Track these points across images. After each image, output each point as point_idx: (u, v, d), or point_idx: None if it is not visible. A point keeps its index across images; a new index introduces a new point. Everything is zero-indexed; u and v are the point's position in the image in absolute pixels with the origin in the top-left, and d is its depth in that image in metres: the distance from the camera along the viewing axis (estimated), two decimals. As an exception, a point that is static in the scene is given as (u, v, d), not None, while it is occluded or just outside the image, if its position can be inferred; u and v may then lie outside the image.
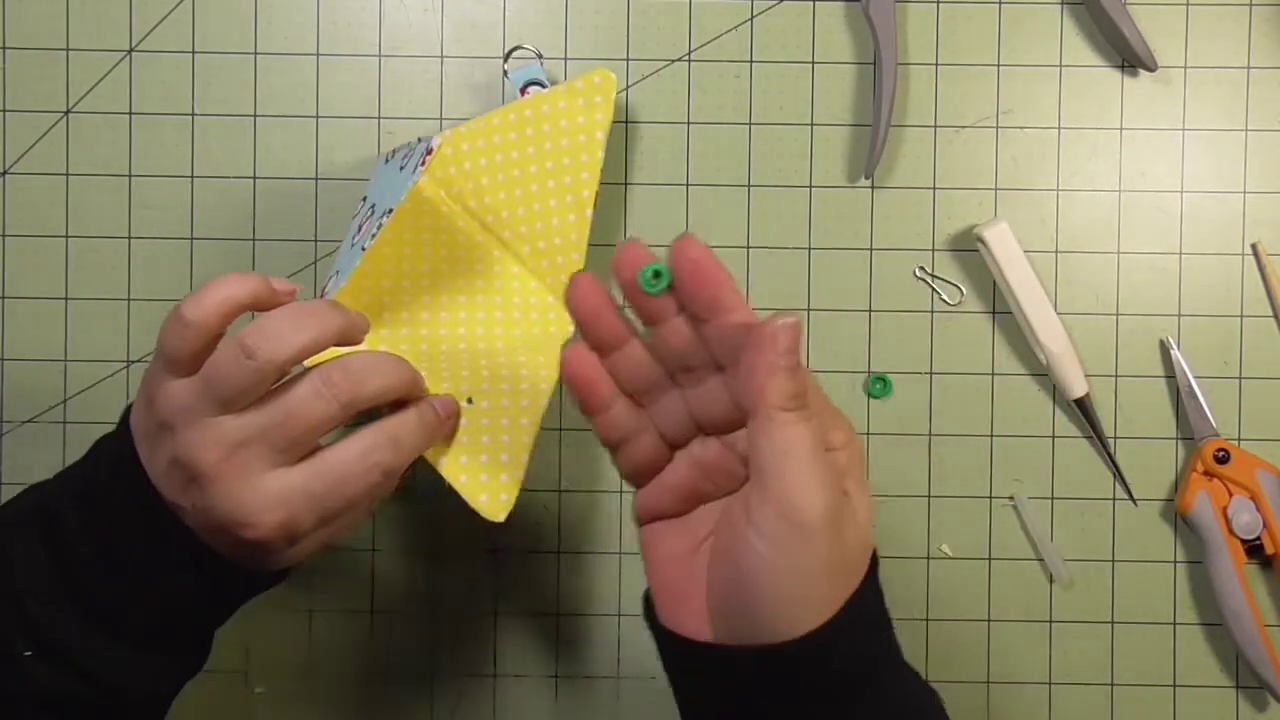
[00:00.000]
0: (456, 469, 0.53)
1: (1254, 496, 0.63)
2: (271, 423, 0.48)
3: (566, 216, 0.59)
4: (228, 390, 0.47)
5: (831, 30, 0.65)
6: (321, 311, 0.49)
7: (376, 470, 0.50)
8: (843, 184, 0.65)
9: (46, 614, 0.49)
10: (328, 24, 0.65)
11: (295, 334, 0.48)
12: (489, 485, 0.53)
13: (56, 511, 0.50)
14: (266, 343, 0.47)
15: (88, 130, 0.65)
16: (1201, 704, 0.65)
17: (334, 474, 0.49)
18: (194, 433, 0.47)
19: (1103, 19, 0.63)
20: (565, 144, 0.59)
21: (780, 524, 0.42)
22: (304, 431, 0.48)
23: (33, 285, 0.65)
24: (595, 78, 0.59)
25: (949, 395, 0.65)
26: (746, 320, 0.44)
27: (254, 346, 0.47)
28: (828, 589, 0.43)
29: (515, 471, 0.53)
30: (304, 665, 0.65)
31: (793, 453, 0.42)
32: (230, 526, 0.48)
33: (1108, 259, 0.65)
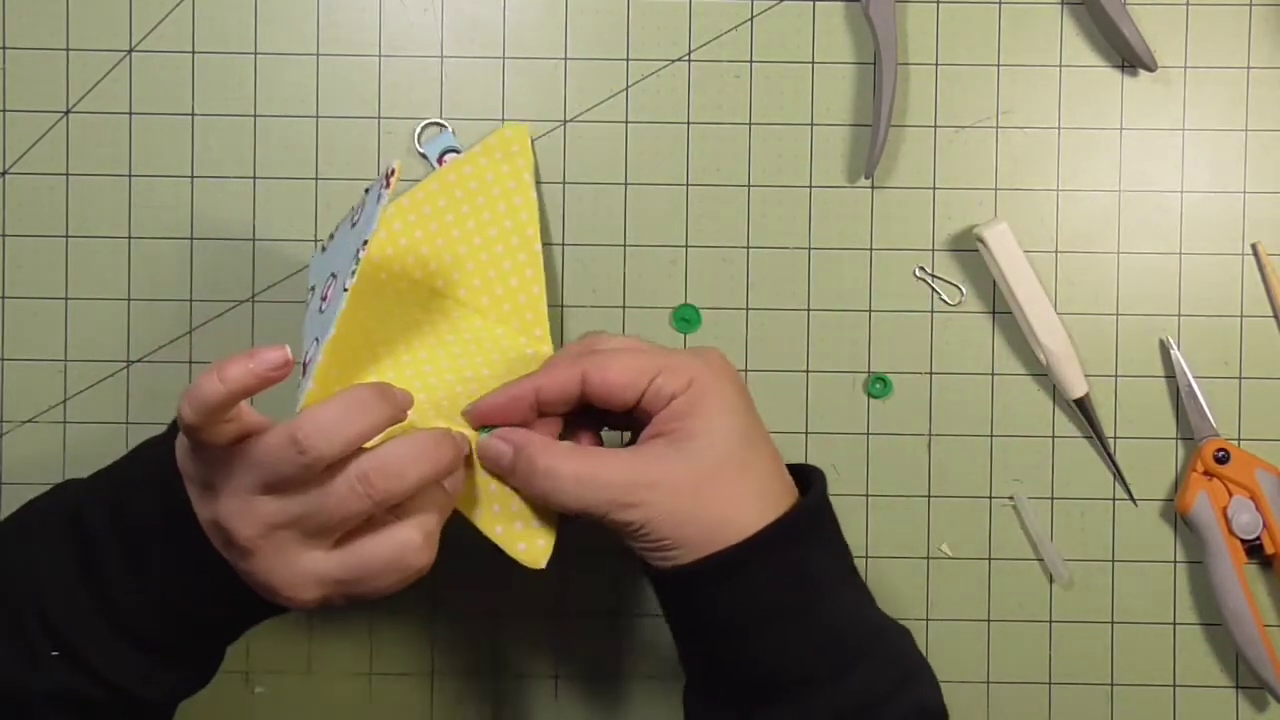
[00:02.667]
0: (491, 520, 0.53)
1: (1254, 496, 0.63)
2: (306, 512, 0.48)
3: (517, 257, 0.60)
4: (274, 477, 0.48)
5: (831, 30, 0.65)
6: (370, 403, 0.49)
7: (410, 569, 0.50)
8: (843, 184, 0.65)
9: (69, 616, 0.49)
10: (328, 24, 0.65)
11: (346, 429, 0.47)
12: (525, 533, 0.53)
13: (89, 515, 0.50)
14: (320, 439, 0.47)
15: (88, 130, 0.65)
16: (1201, 704, 0.65)
17: (365, 567, 0.49)
18: (235, 504, 0.48)
19: (1103, 19, 0.63)
20: (496, 193, 0.61)
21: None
22: (338, 523, 0.49)
23: (33, 285, 0.65)
24: (506, 132, 0.63)
25: (949, 395, 0.65)
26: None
27: (306, 442, 0.47)
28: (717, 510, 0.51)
29: (548, 515, 0.53)
30: (304, 665, 0.65)
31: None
32: (266, 592, 0.49)
33: (1108, 259, 0.65)
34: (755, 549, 0.50)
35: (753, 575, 0.50)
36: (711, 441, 0.51)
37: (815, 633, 0.51)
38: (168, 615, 0.50)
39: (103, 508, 0.51)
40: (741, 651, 0.51)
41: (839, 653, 0.51)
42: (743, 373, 0.65)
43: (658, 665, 0.65)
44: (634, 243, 0.65)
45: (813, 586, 0.51)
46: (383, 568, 0.49)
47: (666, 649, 0.65)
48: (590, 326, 0.65)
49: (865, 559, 0.65)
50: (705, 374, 0.52)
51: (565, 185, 0.65)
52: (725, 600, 0.51)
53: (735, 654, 0.51)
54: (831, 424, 0.65)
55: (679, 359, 0.53)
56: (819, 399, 0.65)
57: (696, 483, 0.50)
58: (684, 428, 0.51)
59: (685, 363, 0.53)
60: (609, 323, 0.65)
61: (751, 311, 0.65)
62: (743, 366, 0.65)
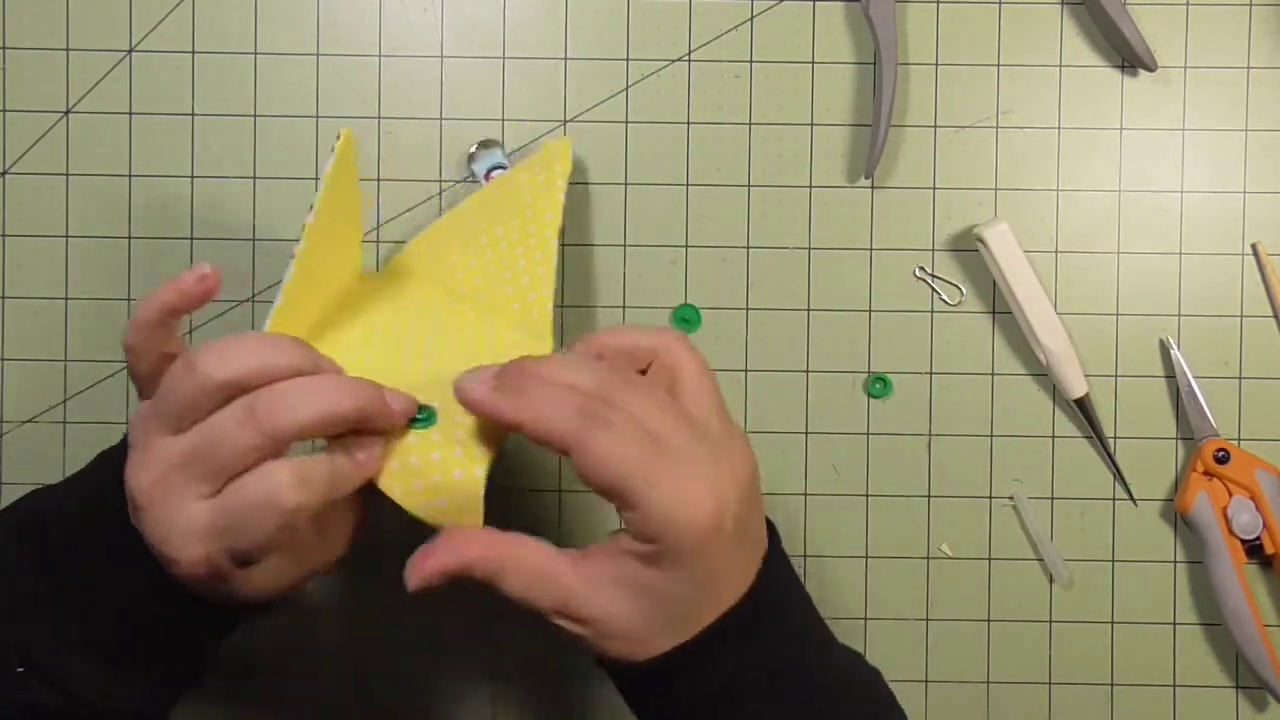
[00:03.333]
0: (413, 496, 0.48)
1: (1254, 496, 0.63)
2: (196, 447, 0.45)
3: (533, 257, 0.59)
4: (166, 404, 0.45)
5: (831, 30, 0.65)
6: (282, 346, 0.46)
7: (279, 510, 0.44)
8: (843, 184, 0.65)
9: (31, 629, 0.48)
10: (328, 24, 0.65)
11: (240, 355, 0.45)
12: (449, 512, 0.48)
13: (47, 525, 0.49)
14: (209, 358, 0.45)
15: (88, 130, 0.65)
16: (1201, 704, 0.65)
17: (235, 510, 0.45)
18: (139, 452, 0.46)
19: (1103, 19, 0.63)
20: (527, 200, 0.60)
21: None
22: (226, 461, 0.45)
23: (33, 285, 0.65)
24: (551, 145, 0.62)
25: (949, 395, 0.65)
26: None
27: (194, 359, 0.45)
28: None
29: (474, 496, 0.48)
30: (304, 665, 0.65)
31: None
32: (161, 558, 0.46)
33: (1108, 259, 0.65)
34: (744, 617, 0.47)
35: (741, 647, 0.48)
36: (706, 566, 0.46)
37: (792, 698, 0.48)
38: (119, 621, 0.48)
39: (60, 513, 0.49)
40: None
41: (816, 709, 0.48)
42: (742, 373, 0.65)
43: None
44: (634, 243, 0.65)
45: (791, 643, 0.49)
46: (251, 508, 0.44)
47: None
48: (590, 326, 0.65)
49: (865, 559, 0.65)
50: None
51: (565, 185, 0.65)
52: (692, 690, 0.48)
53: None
54: (831, 424, 0.65)
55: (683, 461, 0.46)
56: (819, 399, 0.65)
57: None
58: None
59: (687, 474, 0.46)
60: (609, 322, 0.65)
61: (751, 311, 0.65)
62: (742, 366, 0.65)
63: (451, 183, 0.65)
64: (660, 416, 0.46)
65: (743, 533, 0.47)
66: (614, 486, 0.44)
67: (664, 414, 0.46)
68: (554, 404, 0.45)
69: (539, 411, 0.45)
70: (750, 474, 0.48)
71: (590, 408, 0.45)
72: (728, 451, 0.47)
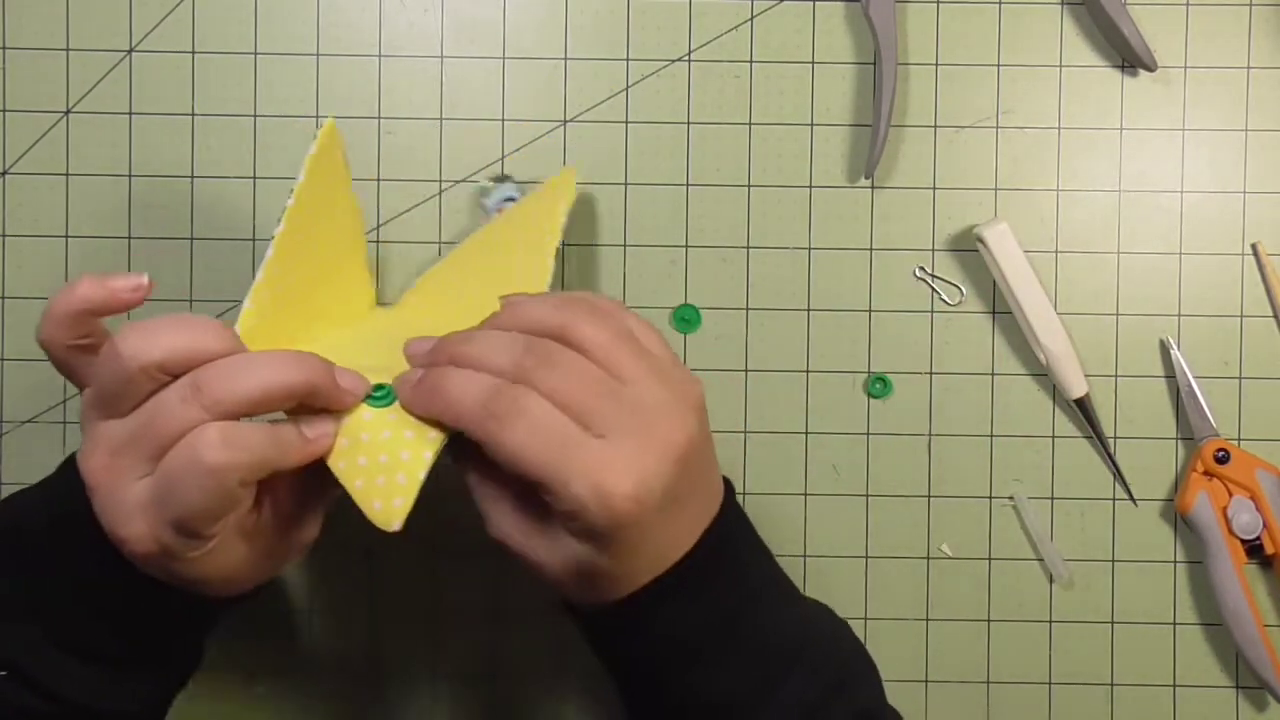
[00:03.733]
0: (354, 472, 0.47)
1: (1254, 496, 0.63)
2: (141, 428, 0.44)
3: (528, 267, 0.57)
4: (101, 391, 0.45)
5: (831, 30, 0.65)
6: (207, 326, 0.45)
7: (204, 469, 0.43)
8: (843, 184, 0.65)
9: (11, 634, 0.48)
10: (328, 24, 0.65)
11: (166, 335, 0.44)
12: (384, 490, 0.47)
13: (20, 528, 0.49)
14: (134, 339, 0.44)
15: (88, 130, 0.65)
16: (1201, 704, 0.65)
17: (167, 476, 0.44)
18: (85, 441, 0.46)
19: (1103, 19, 0.63)
20: (531, 222, 0.60)
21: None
22: (167, 437, 0.44)
23: (33, 285, 0.65)
24: (558, 178, 0.62)
25: (949, 395, 0.65)
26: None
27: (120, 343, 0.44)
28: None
29: (413, 476, 0.47)
30: (304, 665, 0.65)
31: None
32: (112, 539, 0.45)
33: (1108, 259, 0.65)
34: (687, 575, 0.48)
35: (685, 603, 0.48)
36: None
37: (745, 653, 0.49)
38: (96, 621, 0.48)
39: (35, 515, 0.48)
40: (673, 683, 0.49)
41: (771, 666, 0.49)
42: (742, 373, 0.65)
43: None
44: (634, 243, 0.65)
45: (742, 599, 0.49)
46: (180, 470, 0.43)
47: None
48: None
49: (865, 559, 0.65)
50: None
51: (565, 185, 0.65)
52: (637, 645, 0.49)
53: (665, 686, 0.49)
54: (831, 424, 0.65)
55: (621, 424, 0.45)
56: (819, 399, 0.65)
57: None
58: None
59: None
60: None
61: (751, 311, 0.65)
62: (742, 366, 0.65)
63: (451, 183, 0.65)
64: (582, 391, 0.45)
65: (677, 500, 0.46)
66: (529, 477, 0.44)
67: (587, 387, 0.45)
68: (467, 394, 0.45)
69: (451, 403, 0.45)
70: (688, 437, 0.46)
71: (502, 397, 0.45)
72: (661, 417, 0.46)
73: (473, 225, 0.65)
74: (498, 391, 0.45)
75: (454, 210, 0.65)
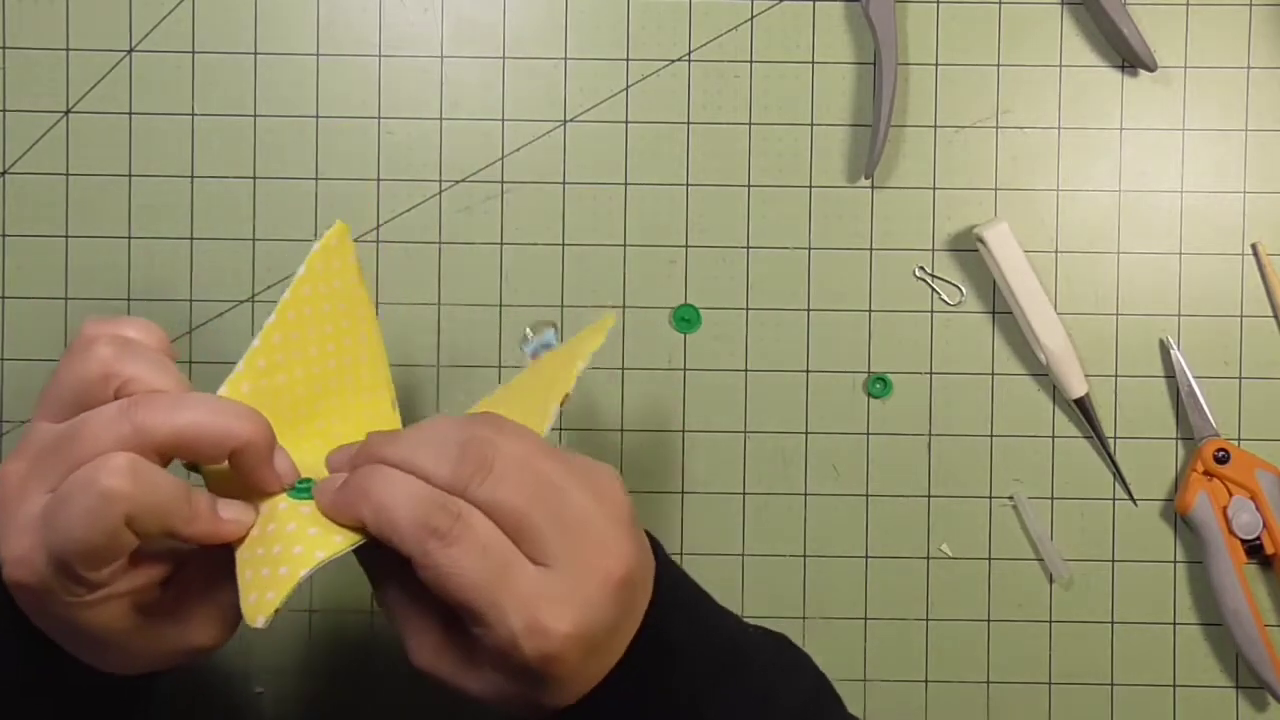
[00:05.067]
0: (250, 561, 0.44)
1: (1254, 496, 0.63)
2: (66, 433, 0.41)
3: (536, 405, 0.53)
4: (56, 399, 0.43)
5: (831, 30, 0.65)
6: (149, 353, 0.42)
7: (98, 492, 0.39)
8: (843, 184, 0.65)
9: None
10: (328, 24, 0.65)
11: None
12: (263, 583, 0.43)
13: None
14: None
15: (88, 130, 0.65)
16: (1201, 704, 0.65)
17: (62, 493, 0.40)
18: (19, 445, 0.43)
19: (1103, 19, 0.63)
20: (556, 365, 0.55)
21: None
22: (87, 454, 0.40)
23: (33, 285, 0.65)
24: (597, 325, 0.56)
25: (949, 395, 0.65)
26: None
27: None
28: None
29: (286, 584, 0.43)
30: (304, 665, 0.65)
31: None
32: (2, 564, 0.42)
33: (1108, 259, 0.65)
34: (628, 675, 0.44)
35: (629, 699, 0.44)
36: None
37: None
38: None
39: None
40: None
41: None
42: (742, 373, 0.65)
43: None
44: (634, 243, 0.65)
45: (691, 679, 0.46)
46: (73, 489, 0.39)
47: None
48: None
49: (865, 559, 0.65)
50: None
51: (565, 185, 0.65)
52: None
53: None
54: (831, 424, 0.65)
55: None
56: (819, 399, 0.65)
57: None
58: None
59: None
60: (609, 323, 0.65)
61: (751, 311, 0.65)
62: (742, 367, 0.65)
63: (451, 183, 0.65)
64: (523, 507, 0.41)
65: (616, 630, 0.43)
66: (457, 605, 0.41)
67: (527, 502, 0.42)
68: (400, 503, 0.41)
69: (381, 511, 0.41)
70: (626, 563, 0.43)
71: (444, 512, 0.41)
72: (599, 540, 0.42)
73: (473, 225, 0.65)
74: (439, 505, 0.41)
75: (454, 210, 0.65)
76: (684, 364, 0.65)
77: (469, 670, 0.43)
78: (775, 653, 0.50)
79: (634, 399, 0.65)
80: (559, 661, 0.41)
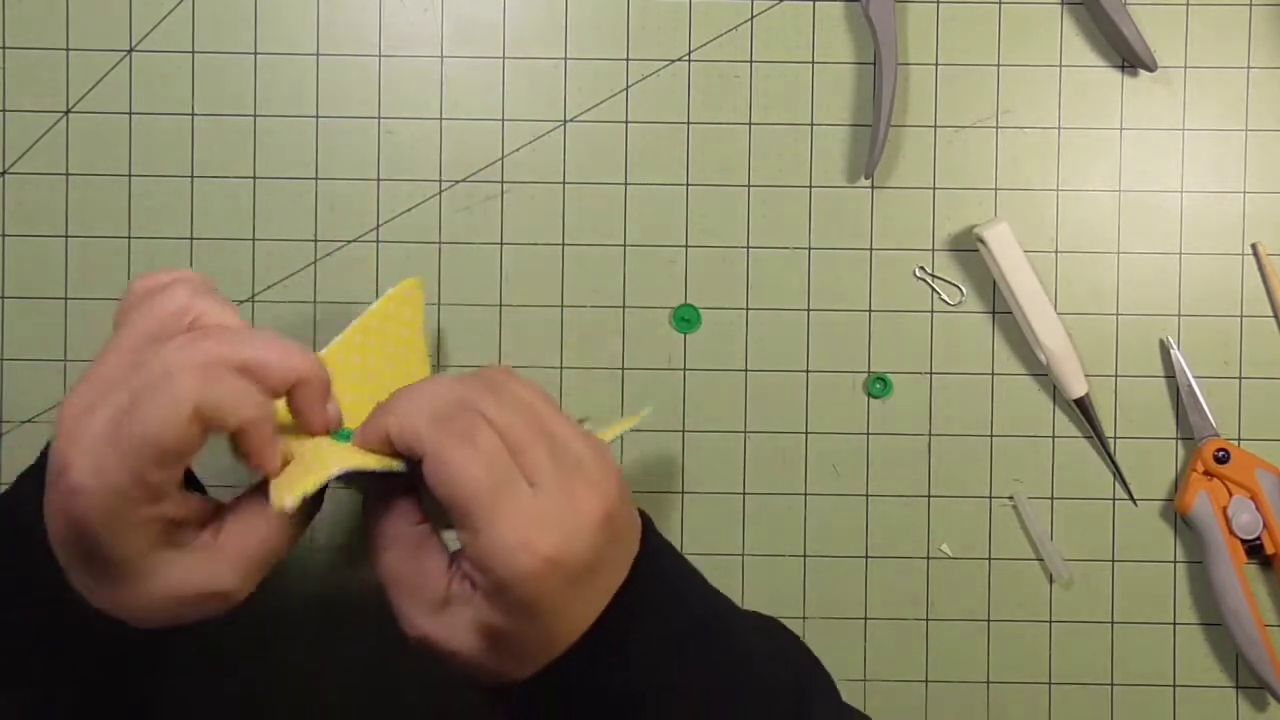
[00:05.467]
0: (283, 475, 0.46)
1: (1254, 496, 0.63)
2: (134, 365, 0.43)
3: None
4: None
5: (831, 30, 0.65)
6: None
7: (177, 394, 0.42)
8: (843, 184, 0.65)
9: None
10: (328, 24, 0.65)
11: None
12: (291, 479, 0.45)
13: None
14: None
15: (88, 130, 0.65)
16: (1201, 704, 0.65)
17: (135, 397, 0.42)
18: (81, 384, 0.45)
19: (1103, 19, 0.63)
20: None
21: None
22: (163, 373, 0.43)
23: (33, 285, 0.65)
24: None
25: (949, 395, 0.65)
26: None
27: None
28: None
29: (317, 476, 0.45)
30: (304, 665, 0.65)
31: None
32: (57, 490, 0.43)
33: (1108, 259, 0.65)
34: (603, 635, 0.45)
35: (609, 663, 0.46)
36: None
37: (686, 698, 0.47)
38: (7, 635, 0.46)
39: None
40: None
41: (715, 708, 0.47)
42: (742, 373, 0.65)
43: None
44: (634, 243, 0.65)
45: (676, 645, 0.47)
46: (150, 388, 0.42)
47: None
48: (590, 326, 0.65)
49: (866, 559, 0.65)
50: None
51: (565, 185, 0.65)
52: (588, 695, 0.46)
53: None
54: (831, 424, 0.65)
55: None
56: (819, 399, 0.65)
57: None
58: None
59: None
60: (609, 322, 0.65)
61: (751, 311, 0.65)
62: (743, 366, 0.65)
63: (451, 183, 0.65)
64: (524, 428, 0.45)
65: (593, 569, 0.45)
66: (455, 505, 0.43)
67: (529, 424, 0.45)
68: (419, 409, 0.44)
69: (402, 416, 0.44)
70: (610, 502, 0.45)
71: (458, 416, 0.44)
72: (587, 475, 0.45)
73: (473, 225, 0.65)
74: (454, 407, 0.44)
75: (454, 210, 0.65)
76: (684, 364, 0.65)
77: (456, 621, 0.45)
78: (764, 630, 0.51)
79: (634, 399, 0.65)
80: (538, 581, 0.43)
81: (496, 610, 0.44)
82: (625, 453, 0.65)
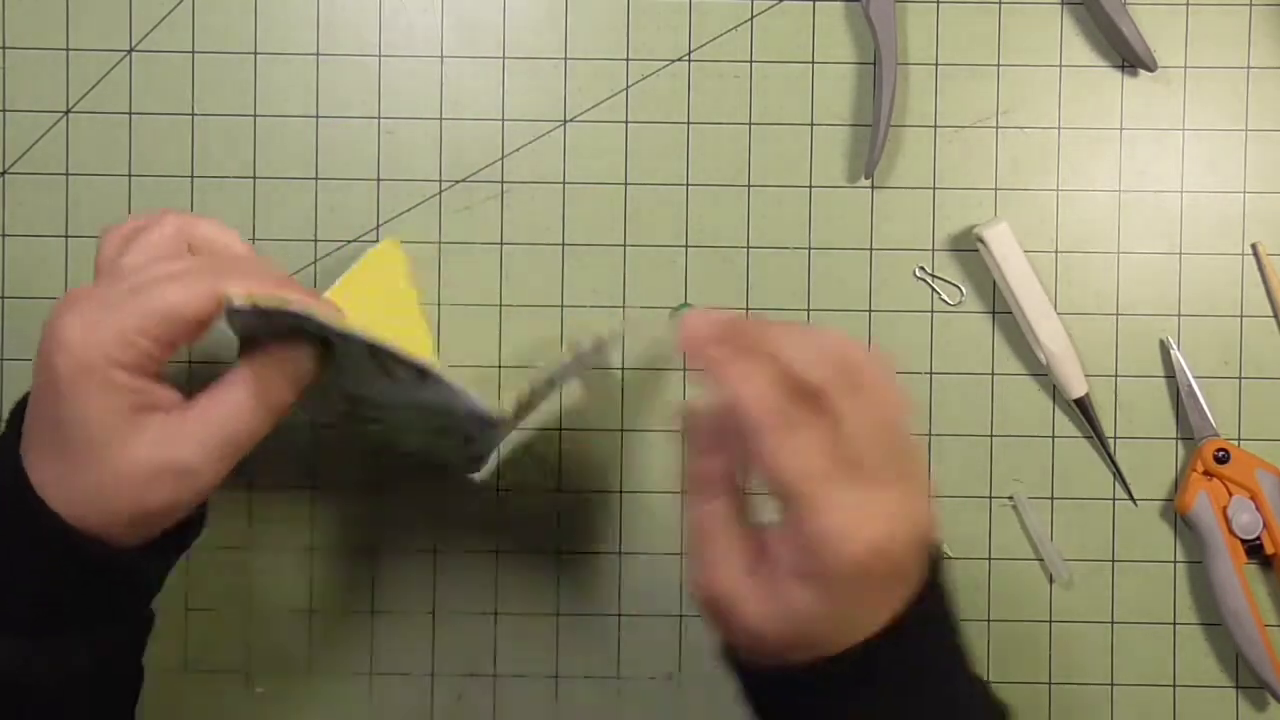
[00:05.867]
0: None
1: (1254, 496, 0.63)
2: (133, 268, 0.49)
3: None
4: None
5: (831, 30, 0.65)
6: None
7: (201, 277, 0.47)
8: (843, 184, 0.65)
9: None
10: (328, 24, 0.65)
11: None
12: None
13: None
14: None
15: (88, 130, 0.65)
16: (1201, 704, 0.65)
17: (160, 273, 0.48)
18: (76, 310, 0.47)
19: (1103, 19, 0.63)
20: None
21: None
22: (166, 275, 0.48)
23: (33, 285, 0.65)
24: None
25: (949, 395, 0.65)
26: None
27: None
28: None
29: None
30: (304, 665, 0.65)
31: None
32: (44, 334, 0.47)
33: (1108, 259, 0.65)
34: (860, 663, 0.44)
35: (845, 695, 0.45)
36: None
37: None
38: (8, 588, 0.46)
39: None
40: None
41: None
42: (743, 373, 0.65)
43: (659, 665, 0.65)
44: (634, 243, 0.65)
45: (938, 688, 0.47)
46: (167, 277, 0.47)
47: (668, 648, 0.65)
48: (590, 326, 0.64)
49: (865, 559, 0.65)
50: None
51: (565, 185, 0.65)
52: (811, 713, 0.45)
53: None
54: (831, 424, 0.65)
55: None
56: (819, 399, 0.65)
57: None
58: None
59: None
60: (608, 323, 0.65)
61: (751, 311, 0.65)
62: (743, 366, 0.65)
63: (451, 183, 0.65)
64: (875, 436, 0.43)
65: (900, 570, 0.44)
66: (786, 492, 0.43)
67: (881, 433, 0.44)
68: (760, 389, 0.43)
69: (742, 389, 0.44)
70: (930, 525, 0.45)
71: (792, 408, 0.43)
72: (916, 484, 0.45)
73: (473, 225, 0.65)
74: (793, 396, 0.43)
75: (454, 210, 0.65)
76: (684, 364, 0.65)
77: (757, 592, 0.44)
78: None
79: (634, 399, 0.65)
80: (859, 567, 0.42)
81: (806, 590, 0.43)
82: (626, 453, 0.65)
